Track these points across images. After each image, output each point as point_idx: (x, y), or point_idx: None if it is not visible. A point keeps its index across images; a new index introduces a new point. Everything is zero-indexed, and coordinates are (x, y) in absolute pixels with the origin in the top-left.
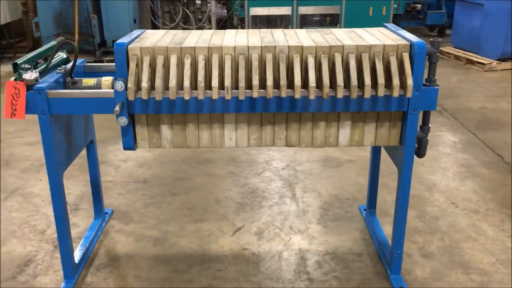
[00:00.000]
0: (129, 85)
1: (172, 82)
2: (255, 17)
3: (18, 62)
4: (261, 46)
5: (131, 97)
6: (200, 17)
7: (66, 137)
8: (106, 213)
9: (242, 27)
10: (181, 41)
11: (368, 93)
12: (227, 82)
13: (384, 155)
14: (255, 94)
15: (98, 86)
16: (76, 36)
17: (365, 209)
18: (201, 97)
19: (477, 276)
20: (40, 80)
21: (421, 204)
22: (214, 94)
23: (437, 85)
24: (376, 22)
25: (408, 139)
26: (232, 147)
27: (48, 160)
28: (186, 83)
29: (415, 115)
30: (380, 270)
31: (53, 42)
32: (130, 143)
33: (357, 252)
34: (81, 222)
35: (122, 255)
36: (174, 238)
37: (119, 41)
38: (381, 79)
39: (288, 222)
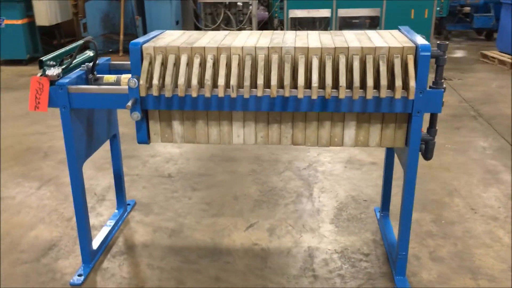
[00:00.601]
0: (141, 82)
1: (181, 80)
2: (294, 19)
3: (43, 59)
4: (268, 47)
5: (142, 93)
6: (241, 19)
7: (87, 130)
8: (128, 204)
9: (282, 29)
10: (193, 41)
11: (370, 94)
12: (233, 81)
13: None
14: (260, 93)
15: (117, 83)
16: (121, 36)
17: (379, 211)
18: (207, 94)
19: (485, 282)
20: (64, 77)
21: (439, 209)
22: (220, 92)
23: (444, 88)
24: (417, 25)
25: (413, 141)
26: (240, 144)
27: (69, 151)
28: (194, 81)
29: (419, 117)
30: (386, 271)
31: (79, 42)
32: (143, 138)
33: (365, 253)
34: (105, 211)
35: (138, 244)
36: (189, 231)
37: (135, 40)
38: (383, 81)
39: (301, 221)
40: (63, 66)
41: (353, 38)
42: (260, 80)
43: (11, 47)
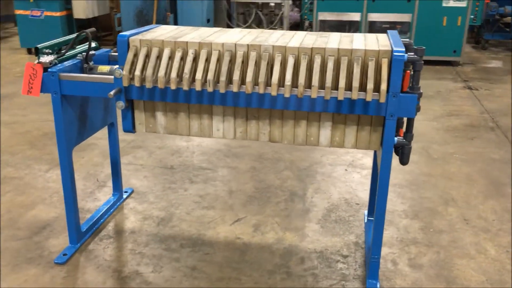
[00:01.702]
0: (124, 72)
1: (161, 72)
2: (323, 22)
3: (39, 47)
4: (248, 44)
5: (125, 83)
6: (273, 19)
7: (79, 117)
8: (126, 192)
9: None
10: (180, 36)
11: (341, 95)
12: (210, 75)
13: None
14: (235, 88)
15: (111, 73)
16: None
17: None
18: (185, 88)
19: None
20: (59, 64)
21: (431, 217)
22: (197, 86)
23: (419, 93)
24: (450, 32)
25: (385, 145)
26: (220, 137)
27: (59, 135)
28: (173, 74)
29: (393, 121)
30: (361, 274)
31: (76, 34)
32: (128, 126)
33: (344, 254)
34: (102, 197)
35: (126, 230)
36: (177, 221)
37: (123, 33)
38: (355, 83)
39: (288, 219)
40: (58, 55)
41: (335, 40)
42: (236, 76)
43: (48, 37)
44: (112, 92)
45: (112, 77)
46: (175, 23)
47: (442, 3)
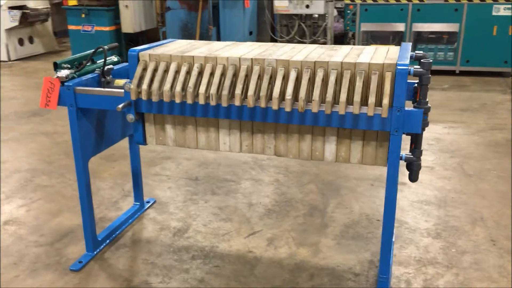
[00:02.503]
0: (132, 86)
1: (167, 86)
2: (366, 33)
3: (58, 62)
4: (251, 58)
5: (133, 97)
6: (316, 31)
7: (97, 128)
8: (148, 202)
9: (354, 43)
10: (188, 50)
11: (342, 109)
12: (213, 89)
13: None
14: (237, 102)
15: (122, 86)
16: None
17: None
18: (189, 101)
19: None
20: (76, 79)
21: (455, 237)
22: (201, 99)
23: (426, 108)
24: (500, 42)
25: (390, 160)
26: (226, 151)
27: (75, 146)
28: (178, 88)
29: (398, 137)
30: None
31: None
32: (140, 139)
33: (356, 272)
34: (125, 207)
35: (143, 239)
36: (193, 232)
37: (134, 48)
38: (357, 97)
39: (305, 234)
40: (76, 70)
41: (342, 53)
42: (238, 90)
43: None
44: (120, 106)
45: (122, 90)
46: (218, 36)
47: (492, 11)
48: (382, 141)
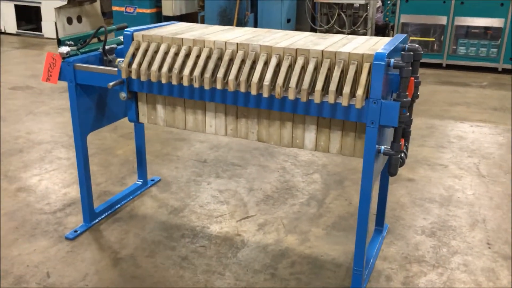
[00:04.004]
0: (123, 65)
1: (154, 66)
2: (406, 25)
3: (61, 39)
4: (237, 43)
5: (123, 75)
6: (357, 21)
7: (97, 105)
8: (152, 180)
9: (393, 35)
10: (183, 33)
11: (318, 98)
12: (197, 72)
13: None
14: (219, 86)
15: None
16: None
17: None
18: (174, 82)
19: None
20: (77, 56)
21: (450, 237)
22: (185, 81)
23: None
24: None
25: (366, 153)
26: (212, 133)
27: (74, 121)
28: (164, 68)
29: (373, 129)
30: (347, 285)
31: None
32: (133, 116)
33: (337, 263)
34: (130, 183)
35: (139, 215)
36: (188, 212)
37: (129, 28)
38: (332, 86)
39: (297, 222)
40: (78, 47)
41: (329, 42)
42: (220, 74)
43: None
44: (111, 84)
45: (116, 69)
46: (255, 23)
47: None
48: (360, 132)
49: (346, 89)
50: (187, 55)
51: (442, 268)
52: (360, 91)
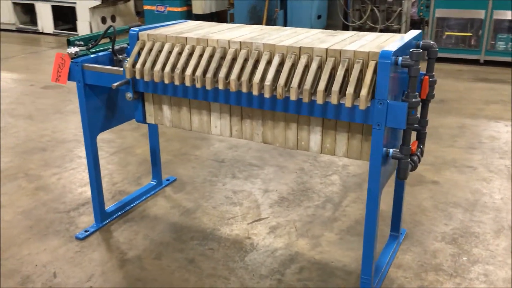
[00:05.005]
0: (127, 65)
1: (157, 66)
2: (441, 20)
3: (71, 39)
4: (240, 42)
5: (127, 75)
6: (390, 16)
7: (107, 105)
8: (168, 180)
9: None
10: (188, 31)
11: (320, 98)
12: (199, 71)
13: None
14: (220, 86)
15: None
16: None
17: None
18: (177, 82)
19: None
20: (86, 56)
21: (471, 244)
22: (187, 81)
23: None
24: None
25: (372, 156)
26: (217, 134)
27: (83, 121)
28: (167, 68)
29: (380, 131)
30: None
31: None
32: (139, 117)
33: (348, 270)
34: (145, 182)
35: (151, 216)
36: (200, 214)
37: (135, 27)
38: (335, 86)
39: (310, 225)
40: (87, 47)
41: (337, 40)
42: (222, 74)
43: None
44: (116, 84)
45: (122, 69)
46: (285, 20)
47: None
48: (367, 134)
49: (350, 89)
50: (191, 55)
51: (460, 278)
52: (364, 91)
